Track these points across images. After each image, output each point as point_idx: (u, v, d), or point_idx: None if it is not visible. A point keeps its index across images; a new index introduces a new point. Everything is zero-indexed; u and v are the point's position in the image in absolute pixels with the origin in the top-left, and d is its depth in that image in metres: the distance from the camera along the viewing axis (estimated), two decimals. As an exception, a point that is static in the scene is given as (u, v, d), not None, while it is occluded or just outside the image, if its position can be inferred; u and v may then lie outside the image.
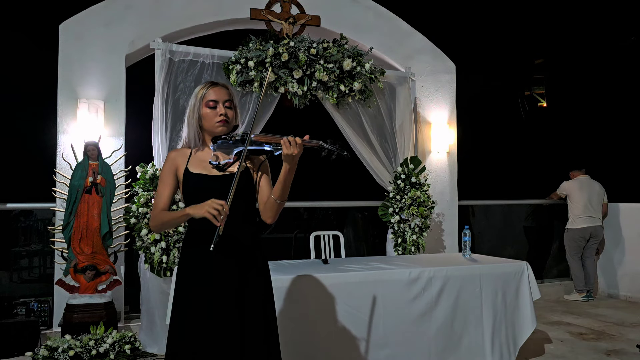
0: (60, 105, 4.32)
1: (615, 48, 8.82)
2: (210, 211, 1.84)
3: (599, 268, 6.42)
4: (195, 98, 2.11)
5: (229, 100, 2.12)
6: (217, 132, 2.09)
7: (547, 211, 6.95)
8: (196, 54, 4.41)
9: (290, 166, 1.98)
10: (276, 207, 2.07)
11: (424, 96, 5.56)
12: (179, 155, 2.12)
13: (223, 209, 1.84)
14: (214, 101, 2.08)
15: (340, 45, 4.72)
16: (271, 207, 2.07)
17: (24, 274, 5.27)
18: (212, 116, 2.08)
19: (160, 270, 4.01)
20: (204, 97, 2.09)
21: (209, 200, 1.87)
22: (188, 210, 1.92)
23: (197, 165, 2.08)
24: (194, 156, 2.11)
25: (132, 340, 3.79)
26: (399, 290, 3.37)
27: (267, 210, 2.09)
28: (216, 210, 1.84)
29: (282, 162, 1.99)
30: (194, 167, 2.08)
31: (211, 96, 2.09)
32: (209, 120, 2.09)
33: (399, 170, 5.01)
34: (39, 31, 6.06)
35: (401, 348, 3.33)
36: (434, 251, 5.37)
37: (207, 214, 1.84)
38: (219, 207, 1.84)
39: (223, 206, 1.85)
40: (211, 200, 1.86)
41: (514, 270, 3.72)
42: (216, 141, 2.08)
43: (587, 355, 4.04)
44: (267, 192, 2.11)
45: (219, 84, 2.15)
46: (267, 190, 2.11)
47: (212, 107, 2.08)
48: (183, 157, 2.11)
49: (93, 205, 4.00)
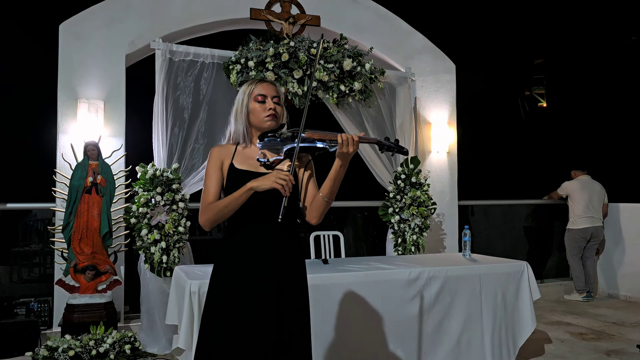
0: (60, 105, 4.32)
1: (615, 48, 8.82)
2: (278, 181, 1.84)
3: (599, 268, 6.42)
4: (243, 94, 2.08)
5: (277, 96, 2.10)
6: (266, 127, 2.05)
7: (547, 211, 6.95)
8: (196, 54, 4.41)
9: (342, 163, 1.96)
10: (324, 207, 2.04)
11: (424, 96, 5.56)
12: (223, 150, 2.08)
13: (289, 178, 1.85)
14: (262, 95, 2.06)
15: (341, 45, 4.72)
16: (318, 207, 2.04)
17: (24, 274, 5.27)
18: (260, 110, 2.05)
19: (161, 270, 4.01)
20: (253, 92, 2.07)
21: (273, 172, 1.88)
22: (251, 184, 1.89)
23: (243, 162, 2.05)
24: (239, 152, 2.07)
25: (132, 340, 3.79)
26: (399, 290, 3.37)
27: (313, 209, 2.06)
28: (283, 180, 1.84)
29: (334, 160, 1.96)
30: (240, 163, 2.04)
31: (260, 90, 2.07)
32: (257, 114, 2.06)
33: (399, 170, 5.01)
34: (39, 31, 6.07)
35: (400, 348, 3.33)
36: (434, 251, 5.37)
37: (275, 185, 1.84)
38: (286, 177, 1.85)
39: (288, 176, 1.85)
40: (276, 171, 1.88)
41: (514, 270, 3.72)
42: (263, 138, 2.04)
43: (587, 355, 4.04)
44: (313, 192, 2.08)
45: (267, 80, 2.15)
46: (313, 190, 2.08)
47: (260, 102, 2.06)
48: (228, 152, 2.07)
49: (93, 205, 4.00)
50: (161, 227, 4.01)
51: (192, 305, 2.87)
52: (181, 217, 4.10)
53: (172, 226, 4.02)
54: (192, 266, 3.73)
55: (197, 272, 3.19)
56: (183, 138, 4.32)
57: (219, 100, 4.43)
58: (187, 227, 4.12)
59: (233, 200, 1.93)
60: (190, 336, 2.87)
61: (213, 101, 4.42)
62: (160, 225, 4.01)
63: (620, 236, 6.26)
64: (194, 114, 4.37)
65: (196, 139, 4.36)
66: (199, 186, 4.34)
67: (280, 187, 1.84)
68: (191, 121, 4.36)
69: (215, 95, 4.43)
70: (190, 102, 4.36)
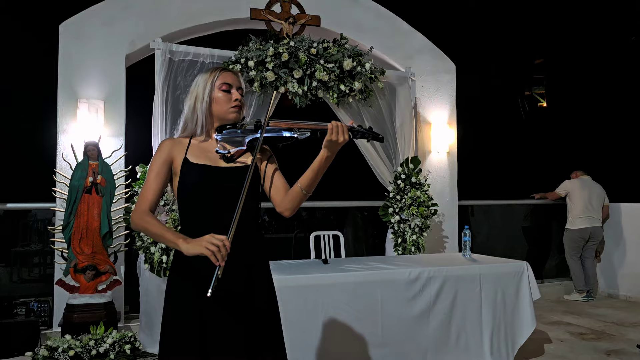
0: (60, 105, 4.32)
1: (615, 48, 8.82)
2: (209, 247, 1.59)
3: (598, 268, 6.41)
4: (205, 82, 1.90)
5: (241, 87, 1.95)
6: (230, 118, 1.90)
7: (546, 211, 6.95)
8: (196, 54, 4.41)
9: (329, 154, 1.80)
10: (300, 199, 1.87)
11: (424, 96, 5.56)
12: (175, 144, 1.90)
13: (224, 244, 1.60)
14: (228, 84, 1.91)
15: (341, 45, 4.72)
16: (294, 198, 1.88)
17: (24, 274, 5.27)
18: (225, 101, 1.90)
19: (160, 270, 4.01)
20: (217, 80, 1.90)
21: (207, 235, 1.63)
22: (180, 244, 1.67)
23: (199, 155, 1.88)
24: (194, 145, 1.90)
25: (132, 340, 3.79)
26: (399, 290, 3.37)
27: (288, 201, 1.89)
28: (216, 247, 1.59)
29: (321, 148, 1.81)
30: (196, 157, 1.87)
31: (225, 79, 1.91)
32: (221, 104, 1.89)
33: (399, 170, 5.01)
34: (39, 31, 6.07)
35: (400, 347, 3.33)
36: (434, 251, 5.37)
37: (205, 251, 1.60)
38: (219, 243, 1.60)
39: (224, 242, 1.60)
40: (210, 235, 1.63)
41: (514, 270, 3.72)
42: (222, 130, 1.89)
43: (587, 355, 4.04)
44: (282, 184, 1.93)
45: (230, 69, 1.98)
46: (281, 181, 1.94)
47: (225, 91, 1.90)
48: (180, 146, 1.90)
49: (93, 205, 3.99)
50: (161, 227, 4.01)
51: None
52: (181, 217, 4.10)
53: (171, 226, 4.02)
54: (192, 266, 3.72)
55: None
56: (183, 138, 4.31)
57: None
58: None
59: (160, 238, 1.76)
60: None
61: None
62: (160, 225, 4.00)
63: (620, 236, 6.26)
64: (194, 114, 4.36)
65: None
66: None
67: (211, 254, 1.59)
68: (191, 121, 4.35)
69: (215, 95, 4.43)
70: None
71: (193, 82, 1.96)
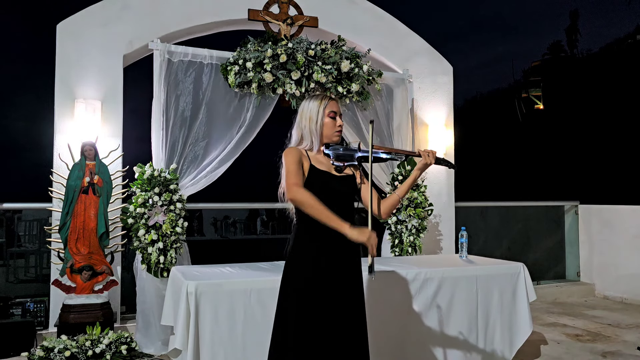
0: (57, 105, 4.31)
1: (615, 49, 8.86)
2: (372, 243, 2.16)
3: (596, 269, 6.43)
4: (317, 108, 2.36)
5: (341, 114, 2.45)
6: (334, 140, 2.40)
7: (543, 213, 6.96)
8: (194, 55, 4.41)
9: (421, 173, 2.48)
10: (396, 204, 2.49)
11: (421, 98, 5.57)
12: (301, 152, 2.35)
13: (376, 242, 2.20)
14: (334, 112, 2.39)
15: (338, 47, 4.73)
16: (393, 204, 2.48)
17: (20, 274, 5.26)
18: (331, 125, 2.38)
19: (158, 271, 4.00)
20: (327, 108, 2.37)
21: (372, 233, 2.17)
22: (347, 229, 2.14)
23: (320, 164, 2.35)
24: (312, 156, 2.36)
25: (129, 341, 3.79)
26: (395, 291, 3.37)
27: (389, 207, 2.48)
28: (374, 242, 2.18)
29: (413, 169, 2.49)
30: (319, 165, 2.34)
31: (333, 108, 2.38)
32: (328, 129, 2.38)
33: (396, 172, 5.02)
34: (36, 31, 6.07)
35: (396, 349, 3.34)
36: (431, 252, 5.37)
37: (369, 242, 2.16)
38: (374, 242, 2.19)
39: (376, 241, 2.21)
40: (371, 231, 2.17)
41: (510, 272, 3.73)
42: (328, 146, 2.40)
43: (583, 356, 4.05)
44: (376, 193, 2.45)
45: (334, 98, 2.46)
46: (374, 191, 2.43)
47: (332, 118, 2.38)
48: (304, 154, 2.35)
49: (90, 206, 3.99)
50: (158, 227, 4.01)
51: (188, 306, 2.87)
52: (179, 218, 4.10)
53: (169, 227, 4.02)
54: (189, 267, 3.72)
55: (195, 273, 3.19)
56: (182, 138, 4.31)
57: (217, 100, 4.43)
58: (184, 227, 4.12)
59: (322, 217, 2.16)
60: (186, 337, 2.86)
61: (212, 102, 4.42)
62: (158, 225, 4.00)
63: (616, 238, 6.28)
64: (193, 115, 4.36)
65: (195, 140, 4.36)
66: (196, 187, 4.35)
67: (371, 247, 2.17)
68: (190, 122, 4.35)
69: (214, 95, 4.43)
70: (188, 103, 4.35)
71: (303, 105, 2.42)
